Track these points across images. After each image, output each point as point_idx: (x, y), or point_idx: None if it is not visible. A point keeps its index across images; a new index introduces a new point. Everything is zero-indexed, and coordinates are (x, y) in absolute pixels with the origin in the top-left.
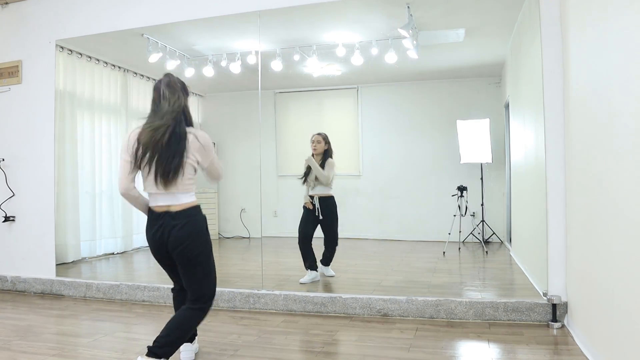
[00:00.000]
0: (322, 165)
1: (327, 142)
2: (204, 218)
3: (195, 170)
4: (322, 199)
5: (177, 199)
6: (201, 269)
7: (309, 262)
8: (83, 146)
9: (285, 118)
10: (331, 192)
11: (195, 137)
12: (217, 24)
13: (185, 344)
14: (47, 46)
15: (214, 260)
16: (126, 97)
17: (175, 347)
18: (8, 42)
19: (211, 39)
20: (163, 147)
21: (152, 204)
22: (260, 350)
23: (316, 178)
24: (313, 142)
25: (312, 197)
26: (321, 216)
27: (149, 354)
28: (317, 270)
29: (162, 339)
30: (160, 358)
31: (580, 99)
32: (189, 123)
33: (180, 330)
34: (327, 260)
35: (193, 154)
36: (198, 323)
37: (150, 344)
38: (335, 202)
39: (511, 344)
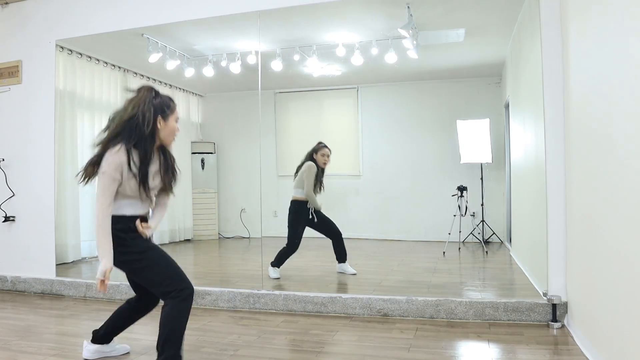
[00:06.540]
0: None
1: None
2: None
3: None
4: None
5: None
6: (148, 270)
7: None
8: (83, 146)
9: (285, 118)
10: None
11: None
12: (217, 24)
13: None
14: (47, 46)
15: (158, 258)
16: (126, 97)
17: (177, 342)
18: (8, 42)
19: (211, 39)
20: None
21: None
22: (260, 350)
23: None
24: (325, 156)
25: (306, 201)
26: (316, 218)
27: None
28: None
29: (159, 341)
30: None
31: (580, 98)
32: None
33: (169, 326)
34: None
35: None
36: (182, 313)
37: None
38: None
39: (511, 344)
